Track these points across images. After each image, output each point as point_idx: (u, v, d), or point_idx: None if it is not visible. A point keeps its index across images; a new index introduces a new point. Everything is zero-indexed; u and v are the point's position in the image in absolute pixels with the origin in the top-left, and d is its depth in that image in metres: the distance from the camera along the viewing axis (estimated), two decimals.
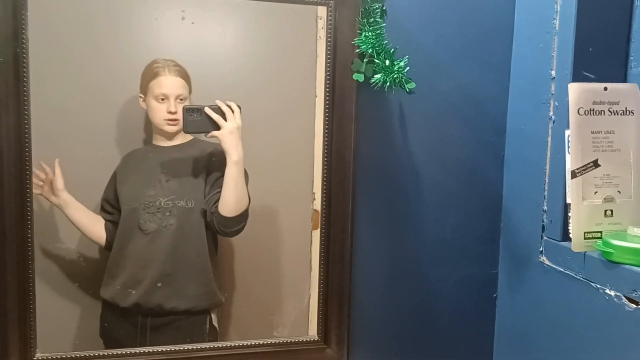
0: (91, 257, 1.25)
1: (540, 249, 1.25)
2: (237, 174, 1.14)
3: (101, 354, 1.21)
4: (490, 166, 1.40)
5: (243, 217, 1.19)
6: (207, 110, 1.12)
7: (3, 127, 1.10)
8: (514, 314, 1.37)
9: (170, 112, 1.17)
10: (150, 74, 1.18)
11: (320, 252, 1.33)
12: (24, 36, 1.10)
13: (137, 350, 1.21)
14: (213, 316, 1.27)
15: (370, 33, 1.22)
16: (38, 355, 1.18)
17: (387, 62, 1.21)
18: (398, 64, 1.21)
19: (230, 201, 1.16)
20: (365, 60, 1.23)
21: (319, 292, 1.34)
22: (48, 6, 1.14)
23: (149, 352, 1.22)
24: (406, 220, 1.38)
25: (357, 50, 1.23)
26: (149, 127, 1.24)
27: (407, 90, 1.22)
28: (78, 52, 1.19)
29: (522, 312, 1.34)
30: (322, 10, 1.27)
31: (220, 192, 1.17)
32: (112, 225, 1.22)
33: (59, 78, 1.18)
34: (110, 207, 1.22)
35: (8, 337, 1.16)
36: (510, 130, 1.38)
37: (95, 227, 1.22)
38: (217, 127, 1.13)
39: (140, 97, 1.19)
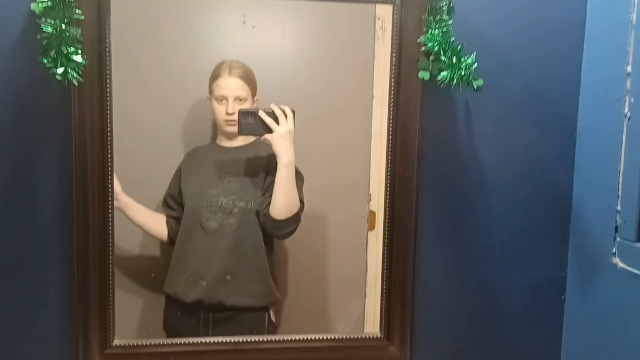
0: (156, 252, 1.33)
1: (613, 251, 1.21)
2: (287, 177, 1.16)
3: (172, 342, 1.27)
4: (560, 166, 1.36)
5: (293, 220, 1.20)
6: (261, 113, 1.15)
7: (87, 125, 1.17)
8: (584, 317, 1.33)
9: (227, 113, 1.21)
10: (213, 75, 1.22)
11: (383, 252, 1.34)
12: (107, 40, 1.17)
13: (206, 340, 1.26)
14: (271, 312, 1.30)
15: (436, 30, 1.22)
16: (116, 341, 1.25)
17: (454, 59, 1.20)
18: (465, 60, 1.21)
19: (280, 204, 1.17)
20: (431, 58, 1.23)
21: (381, 291, 1.35)
22: (124, 14, 1.21)
23: (213, 342, 1.26)
24: (472, 220, 1.36)
25: (423, 49, 1.23)
26: (215, 127, 1.29)
27: (475, 87, 1.21)
28: (149, 56, 1.27)
29: (592, 316, 1.29)
30: (382, 11, 1.29)
31: (272, 195, 1.19)
32: (174, 222, 1.27)
33: (134, 80, 1.25)
34: (174, 203, 1.27)
35: (89, 324, 1.23)
36: (582, 129, 1.34)
37: (157, 224, 1.27)
38: (270, 131, 1.16)
39: (208, 97, 1.24)
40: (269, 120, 1.16)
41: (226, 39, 1.30)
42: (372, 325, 1.36)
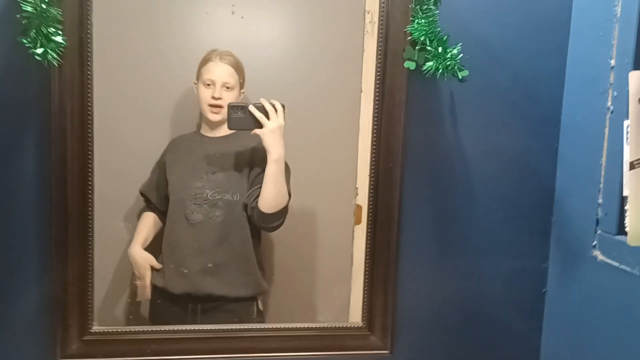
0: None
1: (594, 243, 1.22)
2: (277, 171, 1.16)
3: (153, 329, 1.26)
4: (543, 157, 1.37)
5: (282, 213, 1.20)
6: (251, 108, 1.14)
7: (68, 109, 1.16)
8: (564, 309, 1.34)
9: (214, 98, 1.19)
10: (204, 59, 1.21)
11: (367, 241, 1.34)
12: (89, 22, 1.15)
13: (189, 327, 1.25)
14: (259, 302, 1.30)
15: (423, 20, 1.22)
16: (95, 328, 1.24)
17: (440, 49, 1.20)
18: (451, 51, 1.21)
19: (269, 198, 1.17)
20: (417, 47, 1.23)
21: (364, 280, 1.35)
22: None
23: (200, 329, 1.26)
24: (455, 211, 1.36)
25: (409, 38, 1.23)
26: (201, 119, 1.28)
27: (460, 78, 1.21)
28: (135, 43, 1.25)
29: (573, 308, 1.31)
30: (371, 4, 1.28)
31: (260, 188, 1.18)
32: (160, 214, 1.27)
33: (118, 65, 1.23)
34: (156, 195, 1.26)
35: (68, 309, 1.22)
36: (565, 121, 1.35)
37: (156, 226, 1.27)
38: (260, 125, 1.15)
39: (195, 83, 1.23)
40: (259, 115, 1.15)
41: (214, 29, 1.28)
42: (356, 315, 1.37)
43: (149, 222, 1.26)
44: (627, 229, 1.07)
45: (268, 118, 1.15)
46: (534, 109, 1.35)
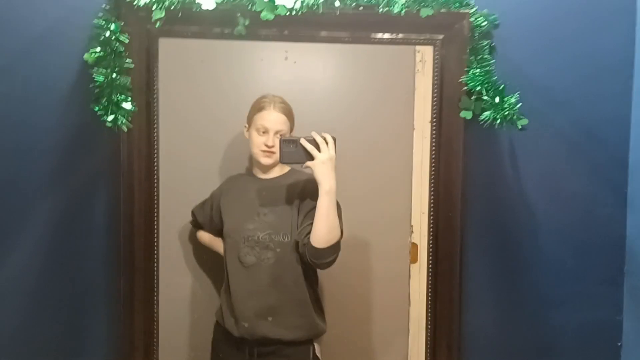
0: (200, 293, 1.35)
1: None
2: (329, 204, 1.15)
3: None
4: (612, 203, 1.31)
5: (334, 249, 1.19)
6: (303, 141, 1.15)
7: (136, 169, 1.22)
8: None
9: (267, 145, 1.22)
10: (257, 107, 1.24)
11: (427, 291, 1.32)
12: (155, 87, 1.21)
13: None
14: (316, 346, 1.28)
15: (478, 70, 1.21)
16: None
17: (497, 99, 1.19)
18: (508, 100, 1.19)
19: (322, 232, 1.16)
20: (473, 97, 1.22)
21: (426, 332, 1.32)
22: (172, 58, 1.27)
23: None
24: (520, 261, 1.32)
25: (465, 88, 1.23)
26: (251, 160, 1.31)
27: (519, 127, 1.19)
28: (194, 94, 1.30)
29: None
30: (426, 53, 1.29)
31: (312, 224, 1.18)
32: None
33: (180, 119, 1.29)
34: (208, 227, 1.30)
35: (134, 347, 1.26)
36: (634, 165, 1.29)
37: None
38: (312, 158, 1.16)
39: (245, 127, 1.26)
40: (310, 147, 1.16)
41: (269, 74, 1.33)
42: None
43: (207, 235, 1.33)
44: None
45: (319, 150, 1.16)
46: (599, 152, 1.31)
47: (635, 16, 1.28)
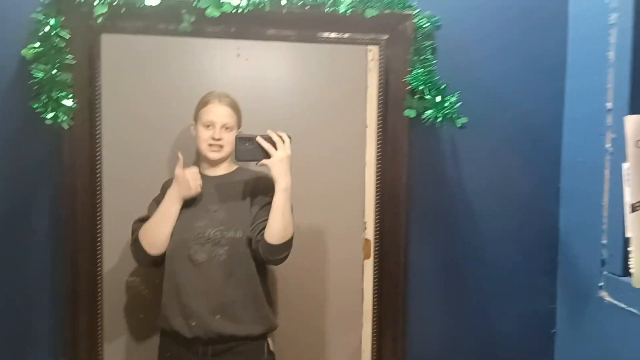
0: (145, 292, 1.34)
1: (600, 284, 1.22)
2: (285, 201, 1.17)
3: None
4: (546, 198, 1.38)
5: (288, 245, 1.20)
6: (259, 139, 1.16)
7: (78, 165, 1.19)
8: (574, 350, 1.33)
9: (213, 139, 1.21)
10: (202, 102, 1.24)
11: (374, 286, 1.35)
12: (98, 83, 1.19)
13: None
14: (270, 341, 1.29)
15: (421, 70, 1.25)
16: None
17: (439, 98, 1.23)
18: (449, 99, 1.23)
19: (277, 228, 1.17)
20: (416, 96, 1.26)
21: (372, 325, 1.35)
22: (116, 53, 1.24)
23: None
24: (461, 254, 1.37)
25: (409, 87, 1.26)
26: (198, 158, 1.30)
27: (459, 125, 1.24)
28: (141, 89, 1.28)
29: (582, 349, 1.30)
30: (371, 53, 1.32)
31: (266, 220, 1.19)
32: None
33: (124, 115, 1.27)
34: None
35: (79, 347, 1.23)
36: (566, 162, 1.37)
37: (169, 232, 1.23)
38: (268, 156, 1.17)
39: (192, 124, 1.25)
40: (267, 145, 1.16)
41: (219, 70, 1.32)
42: (369, 358, 1.37)
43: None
44: (631, 271, 1.07)
45: (276, 149, 1.17)
46: (534, 150, 1.37)
47: (568, 21, 1.35)
